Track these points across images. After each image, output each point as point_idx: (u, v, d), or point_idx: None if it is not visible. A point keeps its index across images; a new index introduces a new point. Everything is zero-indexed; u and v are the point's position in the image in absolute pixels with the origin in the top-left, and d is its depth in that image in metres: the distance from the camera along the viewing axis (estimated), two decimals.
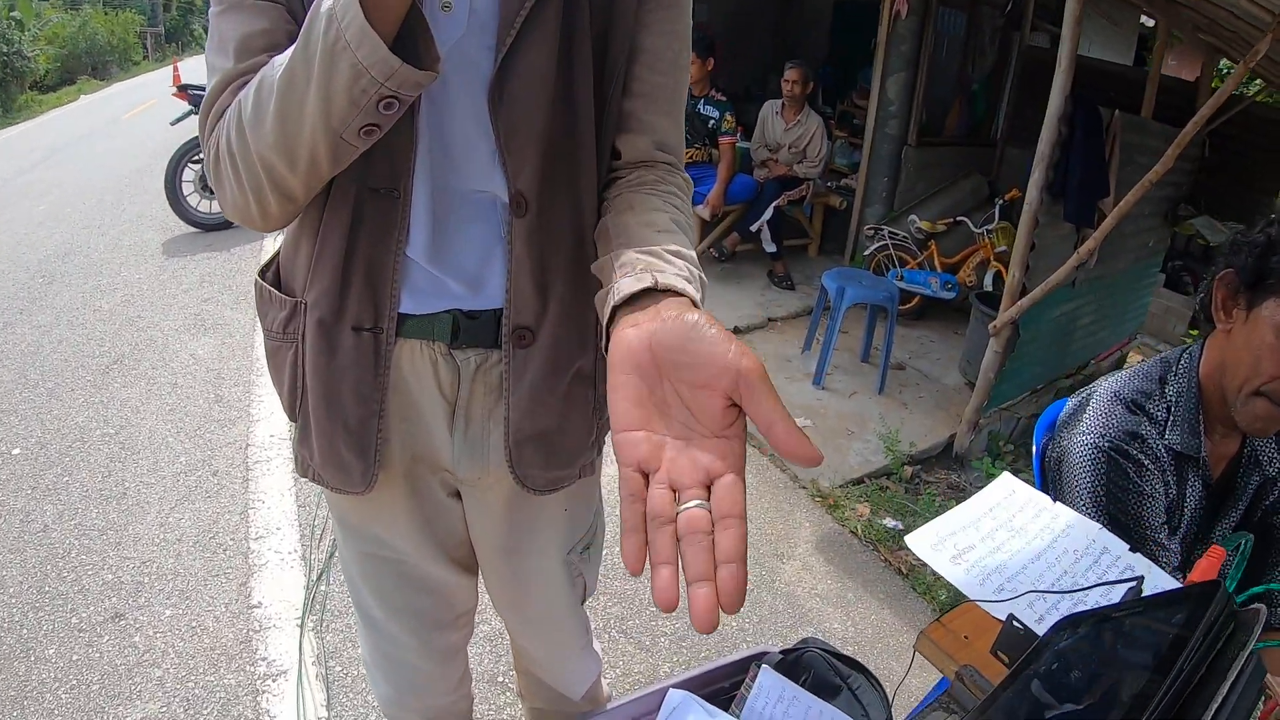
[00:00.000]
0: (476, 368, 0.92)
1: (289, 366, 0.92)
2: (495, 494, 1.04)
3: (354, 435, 0.90)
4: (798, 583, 2.57)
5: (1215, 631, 0.49)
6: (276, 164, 0.71)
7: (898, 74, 4.77)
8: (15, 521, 2.65)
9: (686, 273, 0.69)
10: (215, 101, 0.76)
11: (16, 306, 4.54)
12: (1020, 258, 2.95)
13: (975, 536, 1.00)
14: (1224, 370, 1.17)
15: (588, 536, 1.17)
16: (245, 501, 2.77)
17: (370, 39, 0.61)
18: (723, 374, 0.52)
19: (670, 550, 0.47)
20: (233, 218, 0.81)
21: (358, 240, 0.83)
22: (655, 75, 0.89)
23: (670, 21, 0.88)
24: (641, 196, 0.84)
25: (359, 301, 0.85)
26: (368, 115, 0.67)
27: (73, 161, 9.11)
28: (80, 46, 22.61)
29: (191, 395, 3.49)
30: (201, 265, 5.15)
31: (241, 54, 0.75)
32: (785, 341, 4.26)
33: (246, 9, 0.75)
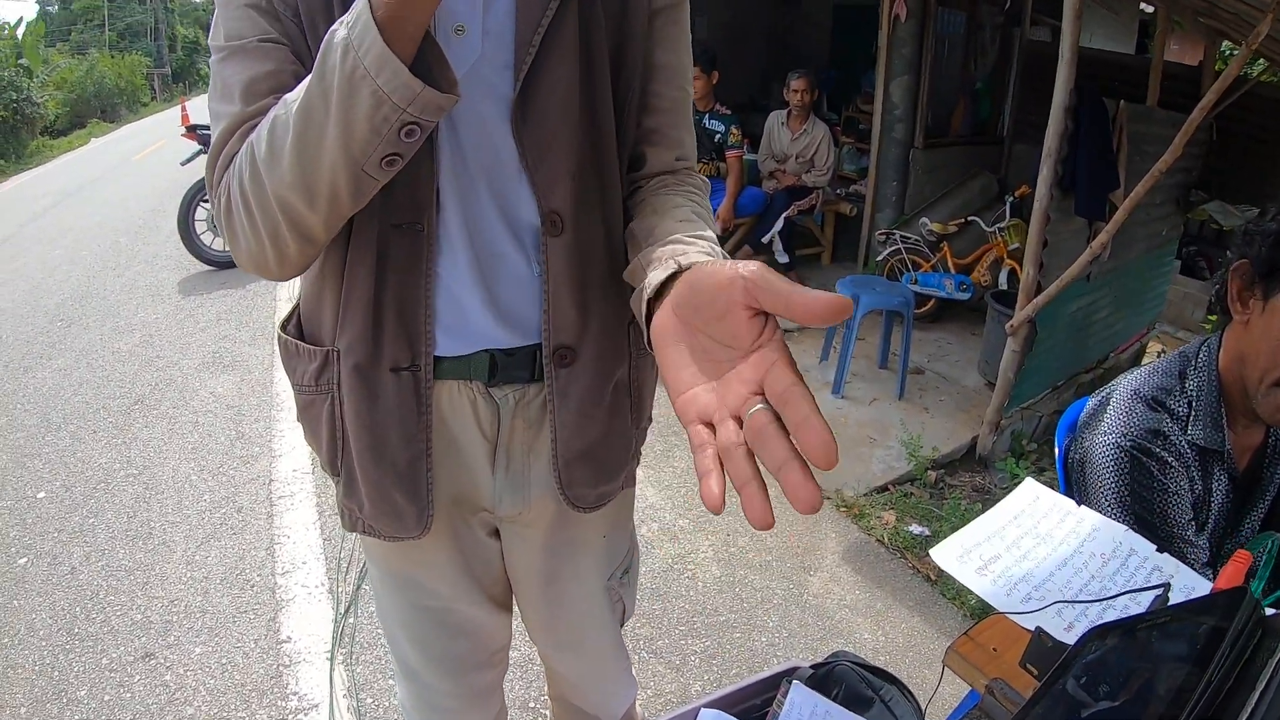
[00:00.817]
0: (515, 404, 0.92)
1: (326, 419, 0.90)
2: (535, 528, 1.04)
3: (404, 479, 0.89)
4: (826, 595, 2.55)
5: (1243, 639, 0.48)
6: (295, 203, 0.70)
7: (901, 77, 4.77)
8: (44, 564, 2.68)
9: (709, 249, 0.70)
10: (223, 148, 0.75)
11: (36, 351, 4.61)
12: (1034, 255, 2.93)
13: (1000, 546, 0.99)
14: (1243, 362, 1.15)
15: (626, 560, 1.17)
16: (271, 537, 2.78)
17: (391, 64, 0.60)
18: (730, 290, 0.51)
19: (750, 469, 0.46)
20: (247, 267, 0.79)
21: (385, 279, 0.82)
22: (673, 90, 0.91)
23: (679, 37, 0.90)
24: (664, 197, 0.86)
25: (394, 342, 0.84)
26: (389, 144, 0.66)
27: (86, 205, 9.26)
28: (89, 90, 22.99)
29: (213, 433, 3.52)
30: (218, 303, 5.20)
31: (248, 98, 0.74)
32: (803, 352, 4.24)
33: (250, 52, 0.75)
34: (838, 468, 2.89)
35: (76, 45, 33.33)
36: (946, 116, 5.26)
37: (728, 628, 2.39)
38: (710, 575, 2.60)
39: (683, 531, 2.80)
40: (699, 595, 2.52)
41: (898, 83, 4.78)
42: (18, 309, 5.41)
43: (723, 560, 2.67)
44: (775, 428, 0.45)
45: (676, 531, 2.80)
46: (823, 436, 0.43)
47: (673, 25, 0.89)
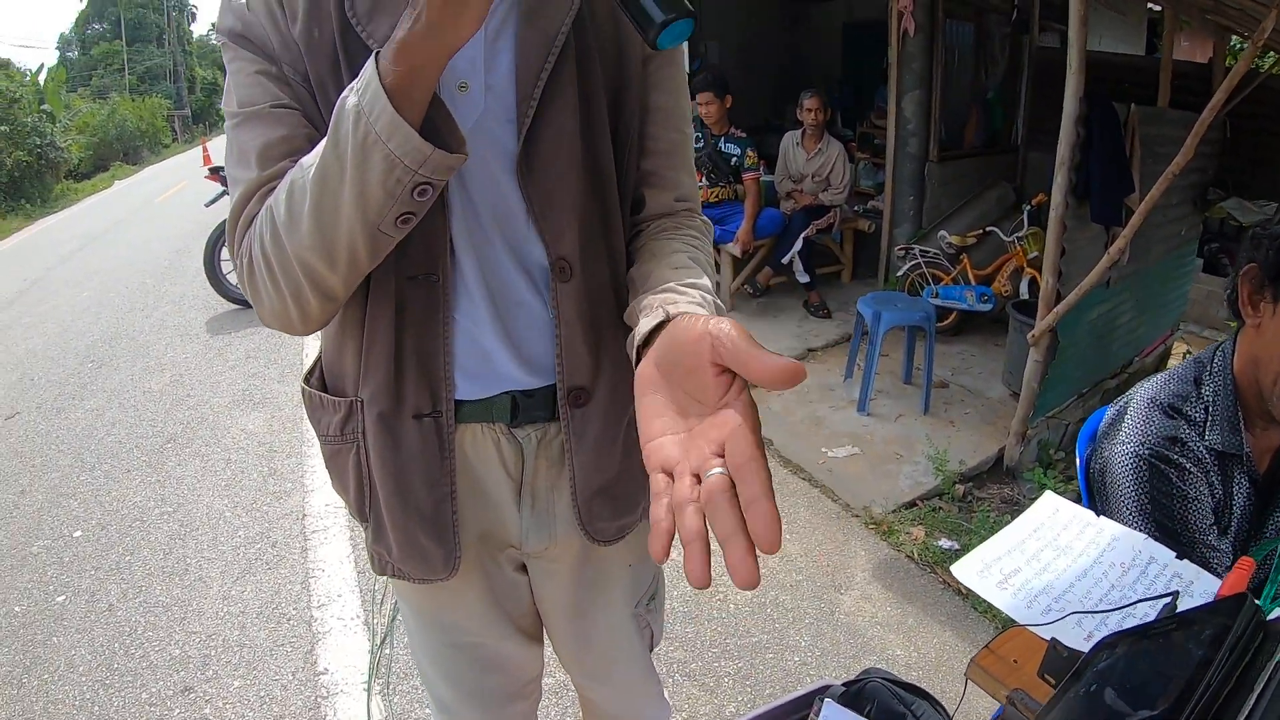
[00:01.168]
0: (538, 443, 0.94)
1: (352, 468, 0.93)
2: (562, 562, 1.06)
3: (430, 522, 0.91)
4: (858, 612, 2.54)
5: (1243, 644, 0.50)
6: (315, 264, 0.72)
7: (912, 92, 4.78)
8: (81, 602, 2.73)
9: (700, 299, 0.72)
10: (243, 211, 0.77)
11: (68, 392, 4.72)
12: (1052, 264, 2.92)
13: (1021, 559, 0.99)
14: (1258, 365, 1.16)
15: (652, 587, 1.19)
16: (305, 571, 2.82)
17: (401, 130, 0.63)
18: (701, 346, 0.53)
19: (697, 526, 0.47)
20: (271, 324, 0.81)
21: (405, 329, 0.84)
22: (671, 132, 0.93)
23: (674, 78, 0.92)
24: (662, 242, 0.88)
25: (416, 389, 0.86)
26: (403, 204, 0.68)
27: (112, 247, 9.47)
28: (110, 134, 23.57)
29: (245, 469, 3.57)
30: (246, 341, 5.29)
31: (264, 162, 0.77)
32: (827, 371, 4.24)
33: (264, 118, 0.77)
34: (863, 484, 2.89)
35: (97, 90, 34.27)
36: (960, 128, 5.26)
37: (760, 649, 2.39)
38: (742, 598, 2.60)
39: (714, 555, 2.80)
40: (730, 617, 2.52)
41: (910, 97, 4.80)
42: (49, 351, 5.55)
43: None
44: (727, 498, 0.46)
45: None
46: (767, 521, 0.44)
47: (667, 67, 0.91)
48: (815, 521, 3.02)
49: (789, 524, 2.98)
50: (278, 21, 0.77)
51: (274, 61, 0.78)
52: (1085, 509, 1.09)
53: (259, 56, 0.78)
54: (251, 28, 0.78)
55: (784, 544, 2.73)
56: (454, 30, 0.61)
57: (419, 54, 0.62)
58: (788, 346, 4.50)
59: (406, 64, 0.62)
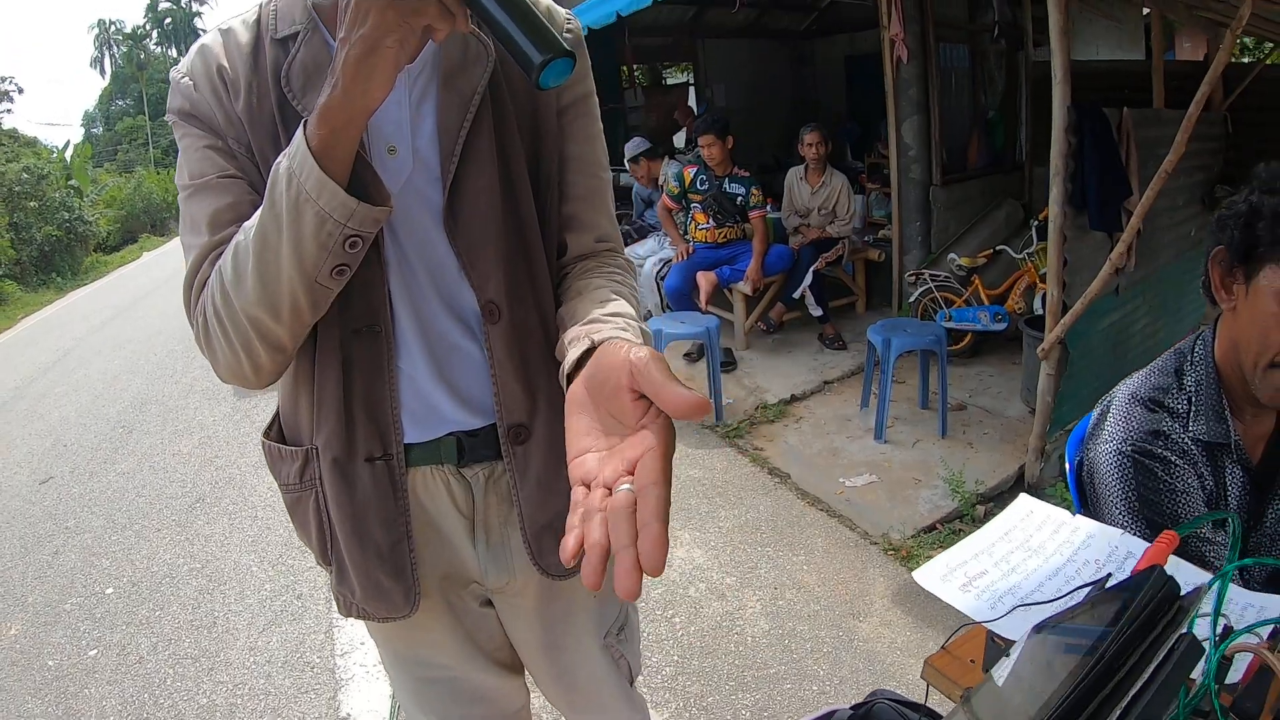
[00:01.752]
0: (486, 480, 0.98)
1: (313, 513, 0.97)
2: (525, 597, 1.08)
3: (388, 561, 0.95)
4: (877, 639, 2.50)
5: (1145, 617, 0.50)
6: (262, 317, 0.78)
7: (910, 118, 4.82)
8: (113, 655, 2.80)
9: (623, 325, 0.76)
10: (196, 275, 0.84)
11: (101, 456, 4.85)
12: (1055, 275, 2.91)
13: (989, 562, 0.99)
14: (1238, 349, 1.13)
15: (620, 617, 1.19)
16: (330, 621, 2.85)
17: (328, 187, 0.70)
18: (620, 371, 0.59)
19: (598, 537, 0.50)
20: (226, 378, 0.87)
21: (353, 379, 0.90)
22: (585, 178, 0.98)
23: (588, 128, 0.98)
24: (585, 280, 0.93)
25: (366, 435, 0.91)
26: (336, 256, 0.75)
27: (142, 317, 9.75)
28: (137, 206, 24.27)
29: (272, 526, 3.63)
30: (272, 403, 5.24)
31: (214, 228, 0.83)
32: (843, 402, 4.24)
33: (213, 188, 0.84)
34: (882, 511, 2.88)
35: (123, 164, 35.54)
36: (962, 150, 5.27)
37: (778, 680, 2.36)
38: (759, 629, 2.58)
39: (730, 589, 2.79)
40: (748, 650, 2.49)
41: (908, 124, 4.83)
42: (81, 418, 5.71)
43: (770, 614, 2.64)
44: (626, 514, 0.50)
45: (724, 590, 2.79)
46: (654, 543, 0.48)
47: (581, 118, 0.97)
48: (833, 551, 2.99)
49: (805, 554, 2.96)
50: (222, 99, 0.85)
51: (220, 136, 0.85)
52: (1060, 509, 1.08)
53: (206, 132, 0.85)
54: (198, 106, 0.85)
55: (801, 574, 2.75)
56: (364, 96, 0.68)
57: (338, 117, 0.69)
58: (804, 380, 4.50)
59: (328, 127, 0.69)
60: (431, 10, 0.65)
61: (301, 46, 0.84)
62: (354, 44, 0.65)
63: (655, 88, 9.04)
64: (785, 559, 2.94)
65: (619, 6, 4.58)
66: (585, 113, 0.98)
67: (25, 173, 17.38)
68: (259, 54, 0.85)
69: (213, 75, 0.85)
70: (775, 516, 3.23)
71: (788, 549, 3.00)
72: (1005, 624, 0.81)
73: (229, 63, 0.85)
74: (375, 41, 0.65)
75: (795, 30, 8.37)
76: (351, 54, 0.66)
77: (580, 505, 0.54)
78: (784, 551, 2.98)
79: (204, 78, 0.85)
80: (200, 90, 0.85)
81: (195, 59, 0.87)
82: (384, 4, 0.64)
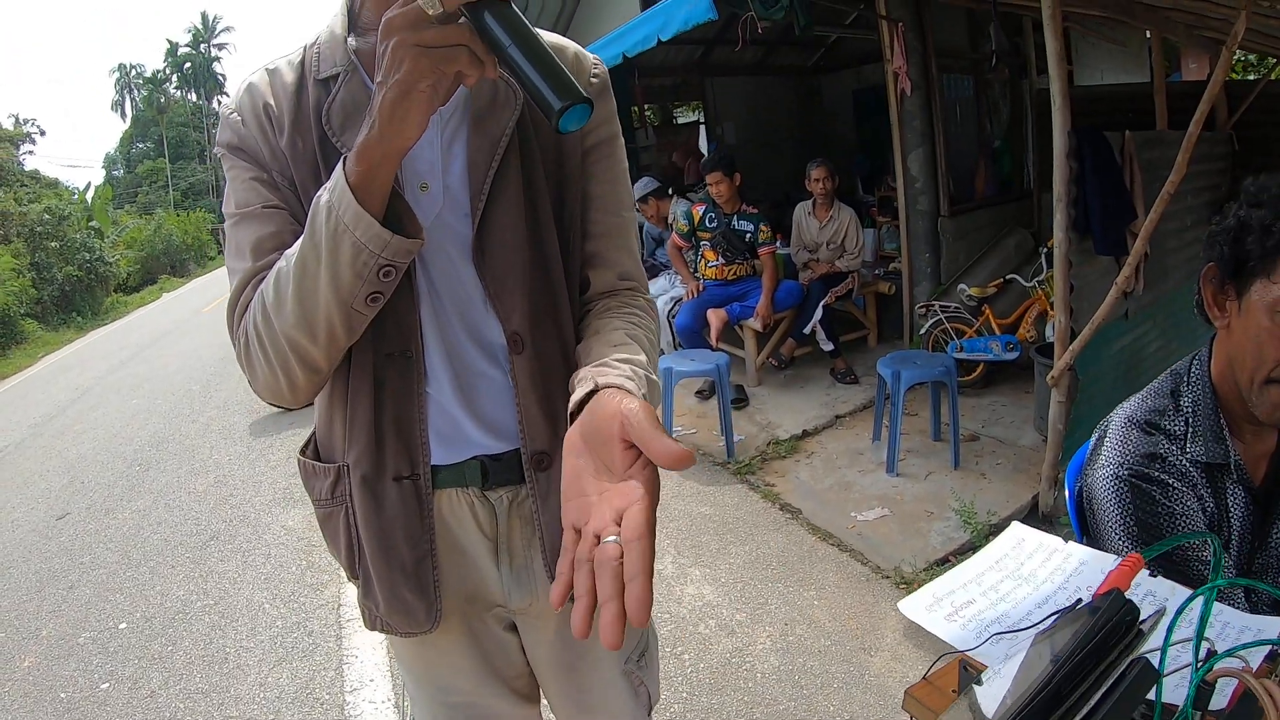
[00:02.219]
0: (510, 503, 1.01)
1: (342, 528, 1.00)
2: (547, 619, 1.09)
3: (412, 577, 0.98)
4: (888, 673, 2.46)
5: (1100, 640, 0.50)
6: (300, 339, 0.83)
7: (916, 150, 4.83)
8: (124, 688, 2.82)
9: (629, 373, 0.79)
10: (239, 297, 0.89)
11: (117, 493, 4.91)
12: (1063, 302, 2.89)
13: (976, 591, 0.97)
14: (1234, 366, 1.11)
15: (641, 644, 1.20)
16: (340, 657, 2.85)
17: (364, 220, 0.75)
18: (612, 421, 0.62)
19: (586, 585, 0.54)
20: (265, 396, 0.93)
21: (384, 400, 0.94)
22: (608, 217, 1.02)
23: (612, 169, 1.02)
24: (604, 320, 0.96)
25: (395, 455, 0.95)
26: (371, 284, 0.80)
27: (160, 356, 9.91)
28: (157, 248, 24.69)
29: (285, 564, 3.65)
30: (287, 443, 5.43)
31: (257, 254, 0.89)
32: (855, 436, 4.21)
33: (256, 217, 0.90)
34: (894, 545, 2.84)
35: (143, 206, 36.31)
36: (970, 179, 5.28)
37: (787, 716, 2.32)
38: (769, 666, 2.54)
39: (740, 625, 2.76)
40: (758, 686, 2.46)
41: (914, 155, 4.85)
42: (99, 455, 5.79)
43: (780, 650, 2.61)
44: (612, 568, 0.53)
45: (734, 626, 2.76)
46: (639, 598, 0.51)
47: (605, 160, 1.02)
48: (844, 585, 2.95)
49: (816, 589, 2.93)
50: (267, 134, 0.91)
51: (265, 169, 0.91)
52: (1052, 537, 1.07)
53: (252, 165, 0.91)
54: (245, 140, 0.91)
55: (811, 609, 2.71)
56: (399, 136, 0.73)
57: (374, 155, 0.74)
58: (815, 415, 4.48)
59: (365, 164, 0.74)
60: (462, 58, 0.69)
61: (341, 87, 0.89)
62: (390, 88, 0.70)
63: (666, 127, 9.12)
64: (796, 594, 2.90)
65: (625, 48, 4.66)
66: (609, 154, 1.02)
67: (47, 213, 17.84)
68: (302, 93, 0.91)
69: (259, 112, 0.91)
70: (786, 552, 3.19)
71: (798, 584, 2.97)
72: (982, 651, 0.80)
73: (274, 100, 0.91)
74: (409, 86, 0.69)
75: (803, 66, 8.47)
76: (388, 97, 0.70)
77: (569, 551, 0.58)
78: (795, 587, 2.95)
79: (251, 114, 0.91)
80: (247, 125, 0.91)
81: (244, 96, 0.93)
82: (418, 52, 0.68)
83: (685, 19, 4.06)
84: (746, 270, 4.87)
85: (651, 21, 4.42)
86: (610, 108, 1.03)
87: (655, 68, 7.28)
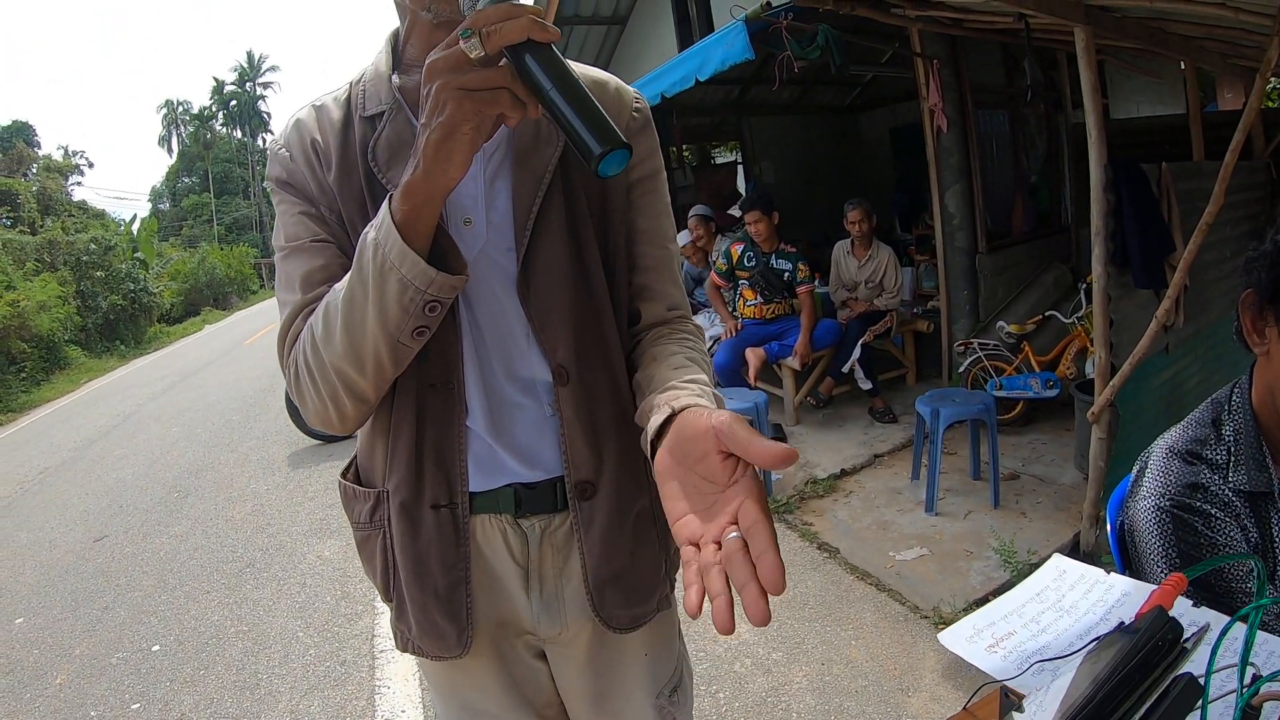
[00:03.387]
0: (542, 532, 1.01)
1: (379, 551, 1.02)
2: (576, 647, 1.09)
3: (445, 602, 0.99)
4: (925, 714, 2.40)
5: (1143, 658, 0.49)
6: (348, 371, 0.85)
7: (953, 186, 4.82)
8: (155, 710, 2.85)
9: (699, 392, 0.81)
10: (289, 328, 0.92)
11: (155, 519, 4.99)
12: (1102, 337, 2.85)
13: (1018, 623, 0.95)
14: (1273, 393, 1.10)
15: (674, 678, 1.19)
16: (372, 687, 2.85)
17: (410, 258, 0.77)
18: (706, 437, 0.65)
19: (720, 586, 0.57)
20: (315, 424, 0.94)
21: (425, 430, 0.95)
22: (654, 249, 1.04)
23: (656, 203, 1.04)
24: (660, 346, 0.97)
25: (433, 483, 0.96)
26: (417, 319, 0.81)
27: (201, 386, 10.10)
28: (201, 280, 25.27)
29: (319, 593, 3.68)
30: (324, 474, 5.50)
31: (306, 287, 0.91)
32: (894, 475, 4.16)
33: (305, 250, 0.92)
34: (932, 584, 2.78)
35: (187, 239, 37.30)
36: (1007, 215, 5.24)
37: None
38: (805, 705, 2.49)
39: (776, 665, 2.72)
40: None
41: (951, 192, 4.84)
42: (138, 481, 5.90)
43: (817, 689, 2.56)
44: (742, 555, 0.56)
45: (770, 665, 2.71)
46: (772, 567, 0.54)
47: (649, 194, 1.04)
48: (882, 625, 2.90)
49: (854, 629, 2.87)
50: (315, 170, 0.93)
51: (313, 204, 0.94)
52: (1094, 568, 1.04)
53: (301, 200, 0.94)
54: (294, 175, 0.94)
55: (849, 649, 2.67)
56: (444, 176, 0.75)
57: (419, 194, 0.76)
58: (853, 455, 4.43)
59: (410, 203, 0.76)
60: (504, 100, 0.71)
61: (387, 124, 0.91)
62: (434, 129, 0.71)
63: (704, 167, 9.22)
64: (833, 634, 2.85)
65: (663, 88, 4.73)
66: (653, 189, 1.04)
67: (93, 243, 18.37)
68: (349, 130, 0.93)
69: (307, 148, 0.94)
70: (824, 591, 3.15)
71: (836, 624, 2.92)
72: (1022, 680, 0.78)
73: (321, 136, 0.94)
74: (453, 128, 0.71)
75: (839, 105, 8.52)
76: (431, 139, 0.72)
77: (693, 562, 0.60)
78: (832, 626, 2.90)
79: (299, 149, 0.94)
80: (296, 161, 0.94)
81: (292, 132, 0.96)
82: (461, 95, 0.70)
83: (723, 59, 4.12)
84: (785, 309, 4.87)
85: (689, 61, 4.49)
86: (652, 143, 1.04)
87: (693, 107, 7.37)
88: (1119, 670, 0.47)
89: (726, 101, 7.73)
